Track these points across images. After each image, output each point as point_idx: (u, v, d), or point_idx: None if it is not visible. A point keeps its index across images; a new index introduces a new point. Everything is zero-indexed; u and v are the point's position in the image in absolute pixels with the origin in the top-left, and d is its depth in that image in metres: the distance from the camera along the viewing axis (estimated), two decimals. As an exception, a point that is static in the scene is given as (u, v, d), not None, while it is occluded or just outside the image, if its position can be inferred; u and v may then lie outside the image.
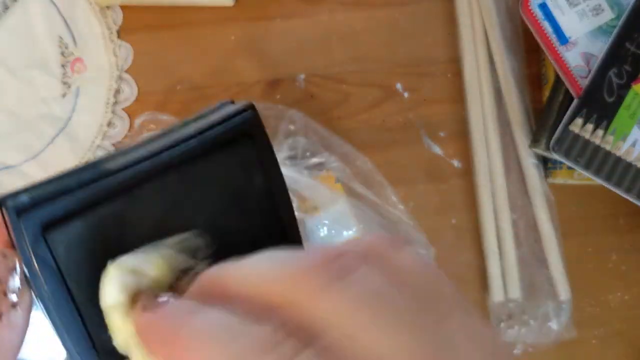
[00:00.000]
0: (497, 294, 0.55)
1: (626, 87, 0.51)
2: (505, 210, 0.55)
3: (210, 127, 0.25)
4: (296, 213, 0.50)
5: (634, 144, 0.51)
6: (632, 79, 0.51)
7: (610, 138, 0.51)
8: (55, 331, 0.24)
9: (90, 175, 0.24)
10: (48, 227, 0.24)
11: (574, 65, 0.52)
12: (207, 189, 0.24)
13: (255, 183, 0.25)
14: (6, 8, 0.56)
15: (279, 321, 0.17)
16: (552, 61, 0.52)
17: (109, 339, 0.22)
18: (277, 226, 0.27)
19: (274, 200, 0.26)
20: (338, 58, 0.58)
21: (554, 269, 0.54)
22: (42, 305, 0.24)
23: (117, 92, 0.58)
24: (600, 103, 0.50)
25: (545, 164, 0.56)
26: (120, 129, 0.57)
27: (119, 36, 0.58)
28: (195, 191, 0.24)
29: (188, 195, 0.24)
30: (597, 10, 0.52)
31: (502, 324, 0.54)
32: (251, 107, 0.26)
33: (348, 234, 0.52)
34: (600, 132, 0.51)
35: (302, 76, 0.58)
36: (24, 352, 0.24)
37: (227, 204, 0.24)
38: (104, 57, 0.58)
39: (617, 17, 0.52)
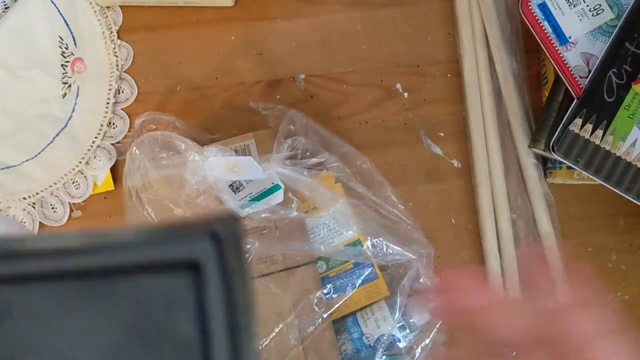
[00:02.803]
0: (497, 294, 0.55)
1: (626, 87, 0.51)
2: (505, 210, 0.55)
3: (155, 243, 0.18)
4: (296, 213, 0.51)
5: (633, 144, 0.51)
6: (631, 79, 0.51)
7: (609, 138, 0.51)
8: None
9: None
10: None
11: (574, 65, 0.52)
12: (110, 314, 0.18)
13: (179, 327, 0.18)
14: (6, 8, 0.56)
15: None
16: (552, 61, 0.52)
17: None
18: None
19: (208, 352, 0.18)
20: (338, 58, 0.58)
21: (553, 269, 0.54)
22: None
23: (117, 92, 0.58)
24: (600, 103, 0.50)
25: (545, 164, 0.56)
26: (120, 129, 0.57)
27: (118, 36, 0.58)
28: (90, 312, 0.18)
29: (81, 312, 0.18)
30: (597, 10, 0.52)
31: (502, 324, 0.54)
32: (226, 227, 0.18)
33: (348, 234, 0.52)
34: (600, 132, 0.51)
35: (302, 76, 0.58)
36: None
37: (128, 343, 0.18)
38: (104, 57, 0.58)
39: (617, 17, 0.52)
